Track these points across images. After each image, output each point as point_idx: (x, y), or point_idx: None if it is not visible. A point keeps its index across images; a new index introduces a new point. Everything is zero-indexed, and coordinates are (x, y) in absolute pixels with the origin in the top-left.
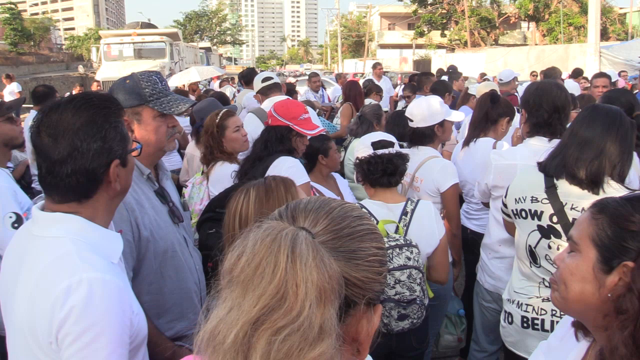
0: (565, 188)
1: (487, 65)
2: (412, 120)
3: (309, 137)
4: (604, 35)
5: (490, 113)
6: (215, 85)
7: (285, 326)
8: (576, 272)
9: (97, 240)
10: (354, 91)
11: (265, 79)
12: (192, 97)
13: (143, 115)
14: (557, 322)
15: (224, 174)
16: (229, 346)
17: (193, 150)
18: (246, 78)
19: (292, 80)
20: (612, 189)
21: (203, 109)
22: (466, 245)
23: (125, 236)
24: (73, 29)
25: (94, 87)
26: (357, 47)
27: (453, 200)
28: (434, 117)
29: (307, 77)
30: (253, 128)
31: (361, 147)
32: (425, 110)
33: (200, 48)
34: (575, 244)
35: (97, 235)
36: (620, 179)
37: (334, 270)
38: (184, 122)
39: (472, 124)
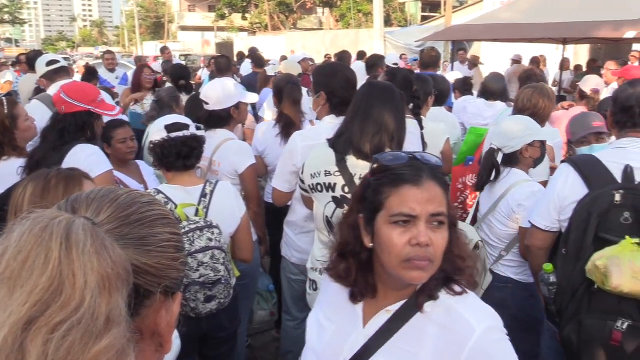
0: (353, 161)
1: (287, 49)
2: (207, 103)
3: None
4: (388, 22)
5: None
6: None
7: (63, 321)
8: (446, 242)
9: None
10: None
11: (50, 62)
12: None
13: None
14: None
15: (10, 170)
16: None
17: None
18: (31, 62)
19: (81, 63)
20: None
21: None
22: (272, 222)
23: None
24: None
25: None
26: (156, 29)
27: (251, 180)
28: (229, 100)
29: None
30: (40, 116)
31: (155, 131)
32: (220, 92)
33: None
34: (445, 217)
35: None
36: (399, 148)
37: (119, 256)
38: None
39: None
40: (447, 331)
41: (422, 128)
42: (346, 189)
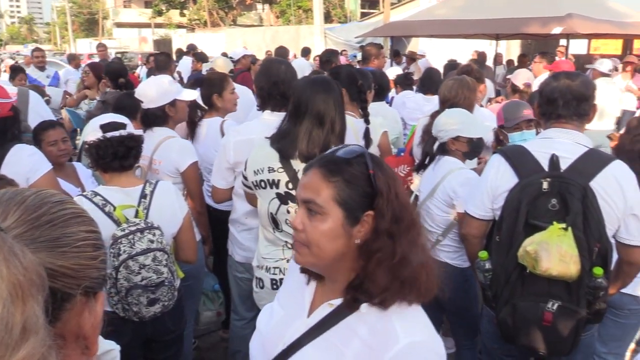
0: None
1: (227, 45)
2: (142, 102)
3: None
4: (328, 18)
5: (204, 94)
6: None
7: None
8: (329, 234)
9: None
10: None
11: None
12: None
13: None
14: None
15: None
16: None
17: None
18: None
19: (9, 62)
20: None
21: None
22: (216, 221)
23: None
24: None
25: None
26: (90, 26)
27: (193, 178)
28: (163, 97)
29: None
30: None
31: (90, 131)
32: (154, 90)
33: None
34: (321, 207)
35: None
36: (341, 142)
37: (31, 261)
38: None
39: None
40: (373, 336)
41: (367, 123)
42: (290, 185)
